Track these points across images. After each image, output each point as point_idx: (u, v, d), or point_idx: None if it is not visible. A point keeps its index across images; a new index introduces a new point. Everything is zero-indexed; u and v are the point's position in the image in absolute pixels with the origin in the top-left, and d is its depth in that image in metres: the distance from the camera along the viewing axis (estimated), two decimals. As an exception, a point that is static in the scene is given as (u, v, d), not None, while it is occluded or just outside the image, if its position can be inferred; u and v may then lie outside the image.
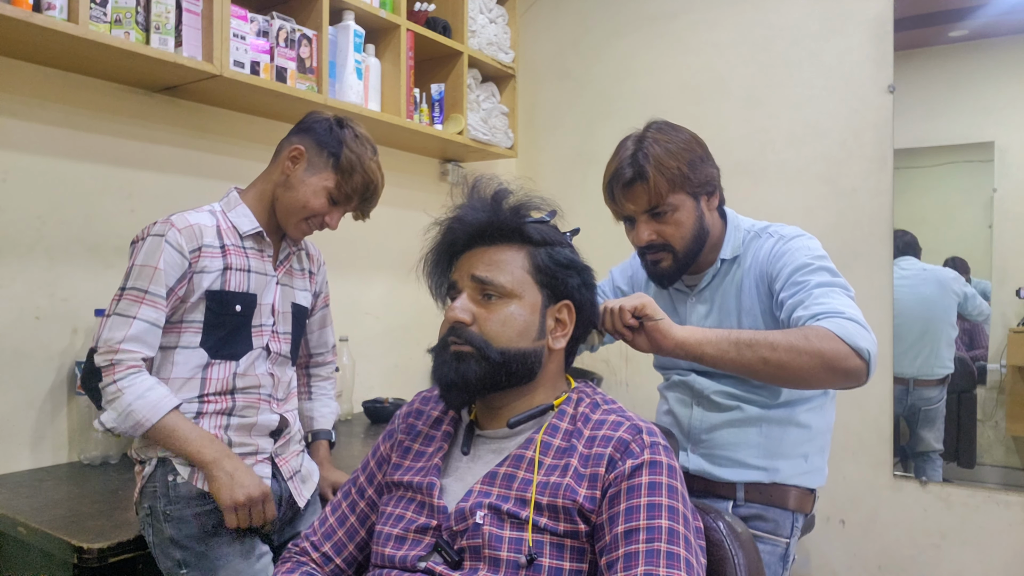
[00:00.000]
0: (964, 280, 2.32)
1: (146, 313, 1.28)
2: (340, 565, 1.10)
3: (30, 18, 1.42)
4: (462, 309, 1.00)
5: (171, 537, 1.27)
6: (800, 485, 1.45)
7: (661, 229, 1.38)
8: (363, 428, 2.32)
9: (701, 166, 1.39)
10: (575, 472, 0.94)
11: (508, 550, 0.91)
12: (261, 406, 1.40)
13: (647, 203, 1.37)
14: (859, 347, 1.15)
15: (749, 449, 1.43)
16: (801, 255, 1.35)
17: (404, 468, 1.06)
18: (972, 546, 2.27)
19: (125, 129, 1.88)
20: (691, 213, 1.39)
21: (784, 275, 1.34)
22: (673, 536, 0.87)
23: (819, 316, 1.21)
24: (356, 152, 1.41)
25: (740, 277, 1.44)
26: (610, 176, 1.40)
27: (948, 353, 2.34)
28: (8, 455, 1.66)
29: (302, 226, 1.44)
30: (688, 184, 1.37)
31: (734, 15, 2.65)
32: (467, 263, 1.04)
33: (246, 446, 1.37)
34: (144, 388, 1.26)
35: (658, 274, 1.45)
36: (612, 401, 1.04)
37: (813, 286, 1.28)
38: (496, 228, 1.03)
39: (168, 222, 1.33)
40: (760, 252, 1.42)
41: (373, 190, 1.45)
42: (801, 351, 1.15)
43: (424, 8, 2.48)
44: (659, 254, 1.41)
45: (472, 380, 0.98)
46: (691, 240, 1.40)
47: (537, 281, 1.02)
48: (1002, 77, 2.28)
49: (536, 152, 3.12)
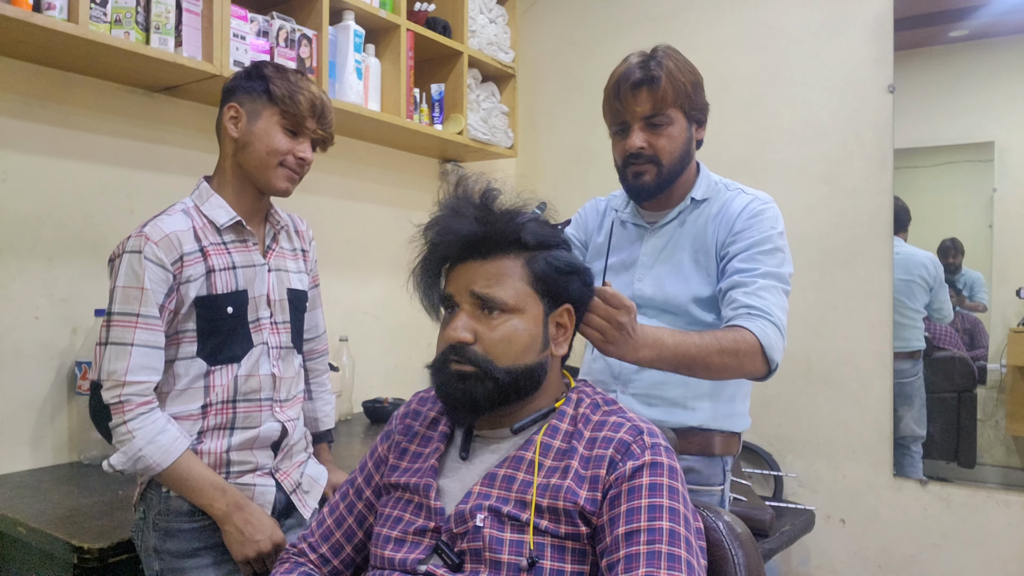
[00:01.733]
0: (941, 270, 2.34)
1: (142, 337, 1.23)
2: (338, 566, 1.10)
3: (30, 18, 1.42)
4: (463, 328, 0.96)
5: (154, 547, 1.26)
6: (724, 429, 1.47)
7: (654, 140, 1.40)
8: (363, 428, 2.32)
9: (701, 92, 1.45)
10: (575, 474, 0.94)
11: (509, 553, 0.91)
12: (263, 414, 1.36)
13: (650, 108, 1.39)
14: (771, 358, 1.30)
15: (678, 388, 1.44)
16: (768, 227, 1.40)
17: (401, 470, 1.06)
18: (972, 546, 2.27)
19: (125, 129, 1.88)
20: (683, 132, 1.42)
21: (745, 242, 1.39)
22: (674, 538, 0.87)
23: (752, 312, 1.31)
24: (285, 79, 1.36)
25: (705, 221, 1.46)
26: (618, 76, 1.42)
27: (914, 333, 2.38)
28: (8, 455, 1.66)
29: (280, 174, 1.37)
30: (689, 103, 1.41)
31: (734, 14, 2.65)
32: (463, 277, 0.99)
33: (246, 464, 1.34)
34: (155, 431, 1.22)
35: (638, 188, 1.45)
36: (613, 402, 1.04)
37: (760, 274, 1.35)
38: (491, 239, 0.98)
39: (142, 235, 1.26)
40: (733, 203, 1.45)
41: (321, 106, 1.39)
42: (729, 366, 1.28)
43: (424, 8, 2.48)
44: (644, 166, 1.42)
45: (480, 400, 0.96)
46: (678, 159, 1.42)
47: (538, 291, 0.99)
48: (1002, 77, 2.28)
49: (536, 152, 3.12)
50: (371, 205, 2.64)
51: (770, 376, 1.33)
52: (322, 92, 1.41)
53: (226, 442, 1.32)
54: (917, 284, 2.36)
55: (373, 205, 2.65)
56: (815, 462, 2.50)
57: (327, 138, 1.42)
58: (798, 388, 2.54)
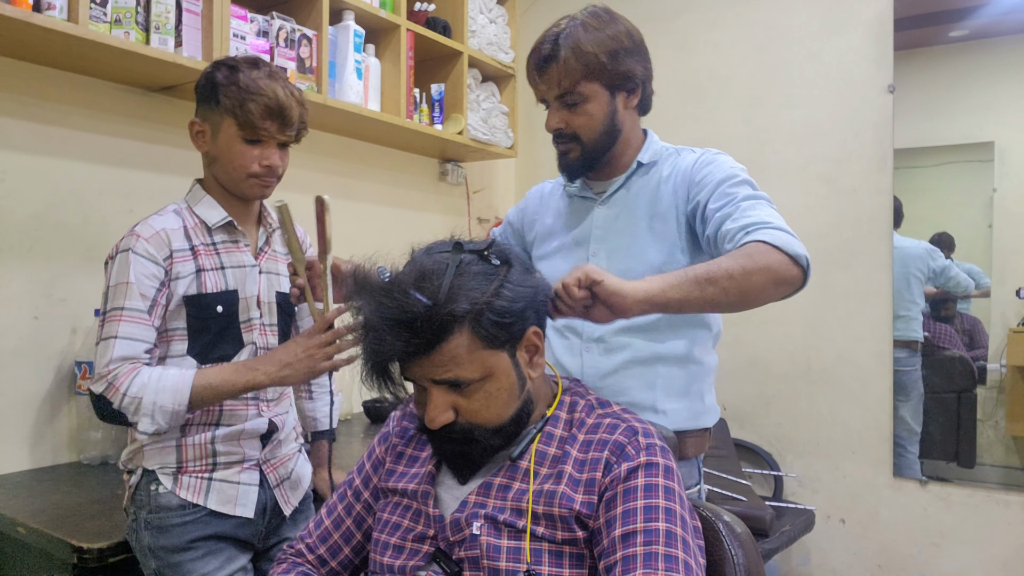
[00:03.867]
0: (939, 254, 2.36)
1: (126, 330, 1.23)
2: (336, 568, 1.10)
3: (30, 18, 1.42)
4: (440, 411, 0.92)
5: (148, 546, 1.26)
6: (695, 428, 1.38)
7: (570, 118, 1.34)
8: (363, 428, 2.32)
9: (625, 59, 1.32)
10: (570, 478, 0.94)
11: (507, 560, 0.91)
12: (249, 412, 1.35)
13: (558, 87, 1.32)
14: (796, 254, 1.14)
15: (647, 392, 1.34)
16: (727, 167, 1.32)
17: (398, 474, 1.05)
18: (972, 546, 2.27)
19: (124, 129, 1.88)
20: (603, 107, 1.33)
21: (710, 184, 1.30)
22: (671, 538, 0.87)
23: (750, 228, 1.18)
24: (235, 85, 1.28)
25: (657, 183, 1.38)
26: (530, 52, 1.36)
27: (912, 324, 2.40)
28: (8, 455, 1.66)
29: (252, 183, 1.33)
30: (604, 75, 1.31)
31: (734, 15, 2.65)
32: (417, 369, 0.92)
33: (233, 455, 1.33)
34: (155, 381, 1.22)
35: (566, 165, 1.40)
36: (607, 404, 1.03)
37: (740, 199, 1.25)
38: (426, 339, 0.88)
39: (133, 234, 1.27)
40: (682, 163, 1.38)
41: (279, 107, 1.29)
42: (752, 271, 1.12)
43: (424, 8, 2.48)
44: (567, 144, 1.37)
45: (476, 458, 0.97)
46: (600, 135, 1.35)
47: (496, 346, 0.92)
48: (1002, 77, 2.28)
49: (536, 152, 3.12)
50: (371, 205, 2.64)
51: (807, 278, 1.16)
52: (280, 87, 1.31)
53: (210, 435, 1.31)
54: (913, 276, 2.38)
55: (373, 205, 2.65)
56: (815, 462, 2.50)
57: (292, 138, 1.36)
58: (798, 388, 2.54)
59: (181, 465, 1.29)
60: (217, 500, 1.30)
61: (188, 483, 1.29)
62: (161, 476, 1.28)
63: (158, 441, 1.29)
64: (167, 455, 1.29)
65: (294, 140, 1.37)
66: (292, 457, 1.45)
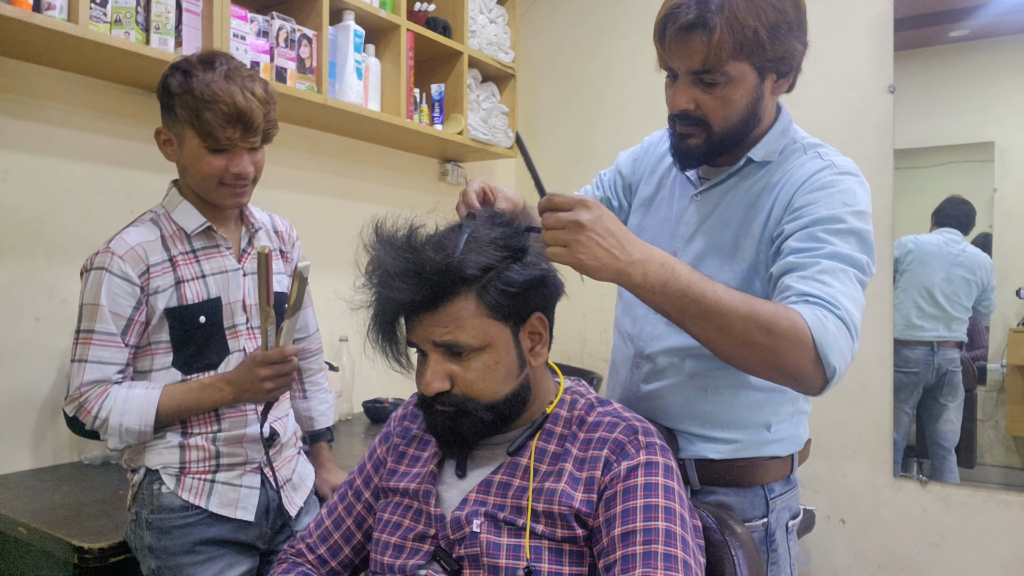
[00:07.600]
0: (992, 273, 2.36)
1: (96, 353, 1.24)
2: (336, 567, 1.10)
3: (30, 18, 1.42)
4: (437, 377, 0.94)
5: (149, 545, 1.26)
6: (766, 455, 1.17)
7: (703, 100, 1.09)
8: (363, 428, 2.32)
9: (786, 36, 1.06)
10: (570, 476, 0.94)
11: (506, 558, 0.91)
12: (248, 417, 1.34)
13: (700, 62, 1.05)
14: (825, 357, 0.95)
15: (694, 420, 1.16)
16: (837, 203, 1.05)
17: (400, 474, 1.06)
18: (972, 546, 2.27)
19: (124, 129, 1.88)
20: (747, 91, 1.08)
21: (806, 219, 1.05)
22: (670, 537, 0.87)
23: (809, 299, 0.97)
24: (190, 94, 1.21)
25: (759, 191, 1.14)
26: (666, 11, 1.07)
27: (962, 326, 2.38)
28: (8, 455, 1.66)
29: (224, 192, 1.29)
30: (760, 55, 1.05)
31: (734, 15, 2.65)
32: (420, 329, 0.95)
33: (236, 456, 1.33)
34: (122, 402, 1.24)
35: (682, 152, 1.16)
36: (607, 402, 1.03)
37: (826, 255, 1.01)
38: (433, 290, 0.91)
39: (108, 251, 1.25)
40: (799, 171, 1.12)
41: (238, 114, 1.21)
42: (755, 341, 0.94)
43: (424, 8, 2.48)
44: (690, 128, 1.12)
45: (468, 435, 0.97)
46: (735, 124, 1.11)
47: (499, 318, 0.94)
48: (1002, 77, 2.28)
49: (536, 152, 3.10)
50: (371, 205, 2.64)
51: (827, 387, 0.99)
52: (238, 89, 1.22)
53: (213, 436, 1.32)
54: (974, 283, 2.37)
55: (373, 205, 2.65)
56: (815, 462, 2.50)
57: (258, 144, 1.29)
58: (798, 388, 2.54)
59: (184, 466, 1.29)
60: (219, 503, 1.30)
61: (191, 484, 1.29)
62: (164, 476, 1.28)
63: (160, 440, 1.29)
64: (170, 455, 1.29)
65: (262, 142, 1.31)
66: (293, 459, 1.46)
